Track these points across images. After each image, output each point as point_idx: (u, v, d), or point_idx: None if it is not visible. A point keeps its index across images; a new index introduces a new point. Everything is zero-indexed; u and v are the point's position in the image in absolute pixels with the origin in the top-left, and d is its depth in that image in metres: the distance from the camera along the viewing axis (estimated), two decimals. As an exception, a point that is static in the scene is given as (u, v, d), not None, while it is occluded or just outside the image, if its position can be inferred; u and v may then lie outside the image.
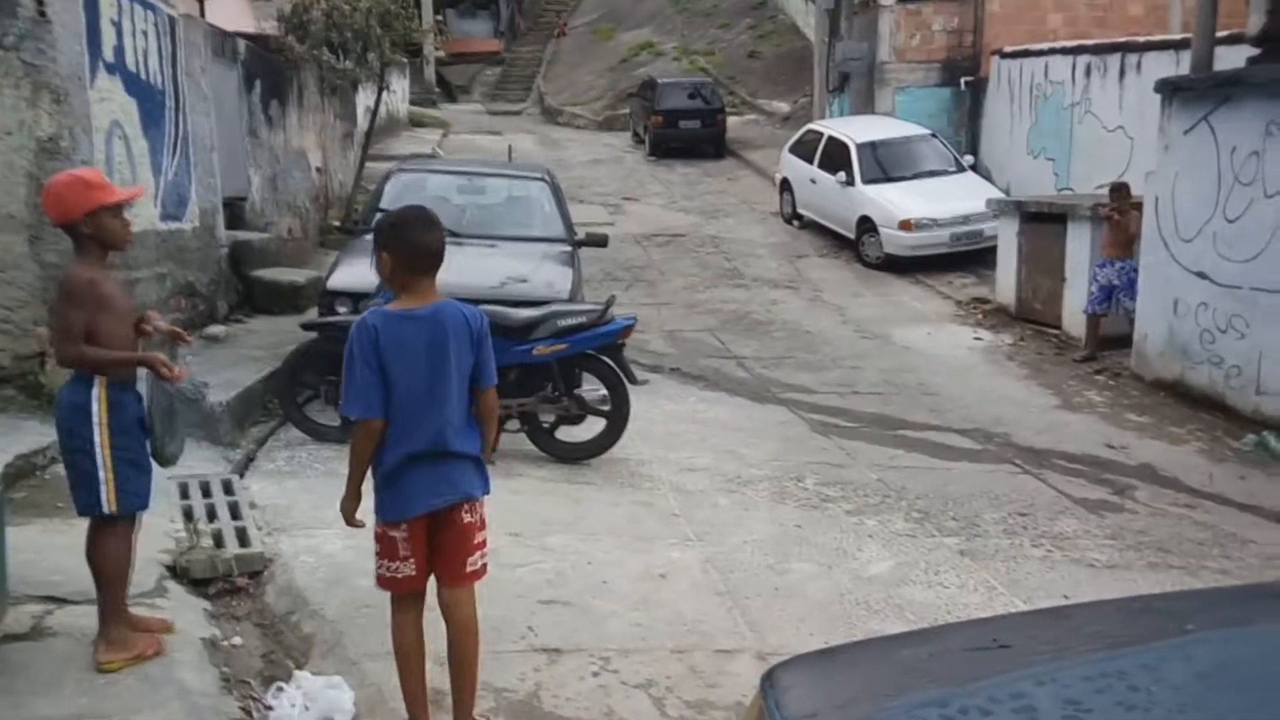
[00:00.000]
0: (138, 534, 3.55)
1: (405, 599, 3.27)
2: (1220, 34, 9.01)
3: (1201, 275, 8.26)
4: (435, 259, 3.11)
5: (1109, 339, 9.52)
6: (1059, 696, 1.72)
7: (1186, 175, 8.46)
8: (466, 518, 3.22)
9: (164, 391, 3.44)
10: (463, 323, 3.15)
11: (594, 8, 33.78)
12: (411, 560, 3.19)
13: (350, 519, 3.27)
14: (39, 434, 5.22)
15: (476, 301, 6.09)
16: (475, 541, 3.26)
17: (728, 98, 22.84)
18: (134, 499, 3.41)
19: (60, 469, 5.05)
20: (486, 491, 3.32)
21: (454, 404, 3.16)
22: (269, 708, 3.41)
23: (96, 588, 3.43)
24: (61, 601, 3.76)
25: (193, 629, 3.84)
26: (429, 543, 3.20)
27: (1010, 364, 9.59)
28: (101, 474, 3.32)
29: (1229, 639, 1.94)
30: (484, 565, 3.33)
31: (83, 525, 4.44)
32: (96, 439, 3.31)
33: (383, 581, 3.26)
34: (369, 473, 3.20)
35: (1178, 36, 11.65)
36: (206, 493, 5.10)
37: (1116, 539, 5.71)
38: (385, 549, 3.21)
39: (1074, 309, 9.98)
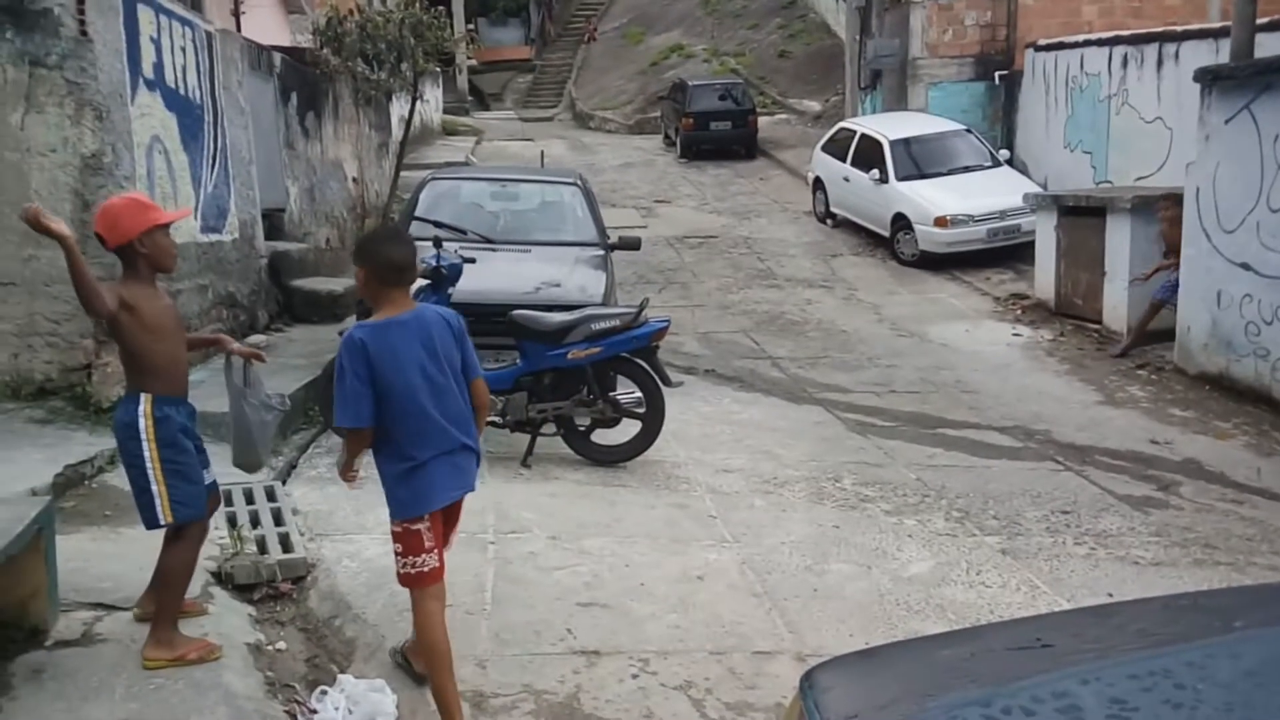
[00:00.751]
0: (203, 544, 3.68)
1: (432, 591, 3.37)
2: (1260, 21, 8.85)
3: (1245, 267, 8.11)
4: (407, 271, 3.35)
5: (1151, 333, 9.37)
6: (1104, 695, 1.70)
7: (1228, 165, 8.31)
8: (463, 505, 3.52)
9: (245, 403, 3.68)
10: (443, 323, 3.37)
11: (623, 12, 33.86)
12: (435, 551, 3.33)
13: (347, 473, 3.54)
14: (87, 444, 5.33)
15: (511, 307, 6.21)
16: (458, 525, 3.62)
17: (758, 98, 22.79)
18: (184, 509, 3.50)
19: (108, 478, 5.19)
20: None
21: (457, 398, 3.33)
22: (313, 711, 3.46)
23: (157, 589, 3.61)
24: (110, 608, 3.83)
25: (237, 634, 3.90)
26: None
27: (1050, 360, 9.47)
28: (154, 487, 3.43)
29: (1278, 637, 1.91)
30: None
31: (130, 534, 4.54)
32: (146, 453, 3.42)
33: (409, 579, 3.36)
34: (380, 476, 3.39)
35: (1216, 24, 11.45)
36: (250, 499, 5.18)
37: (1161, 536, 5.62)
38: (411, 545, 3.31)
39: (1114, 303, 9.84)
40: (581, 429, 6.22)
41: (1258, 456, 7.01)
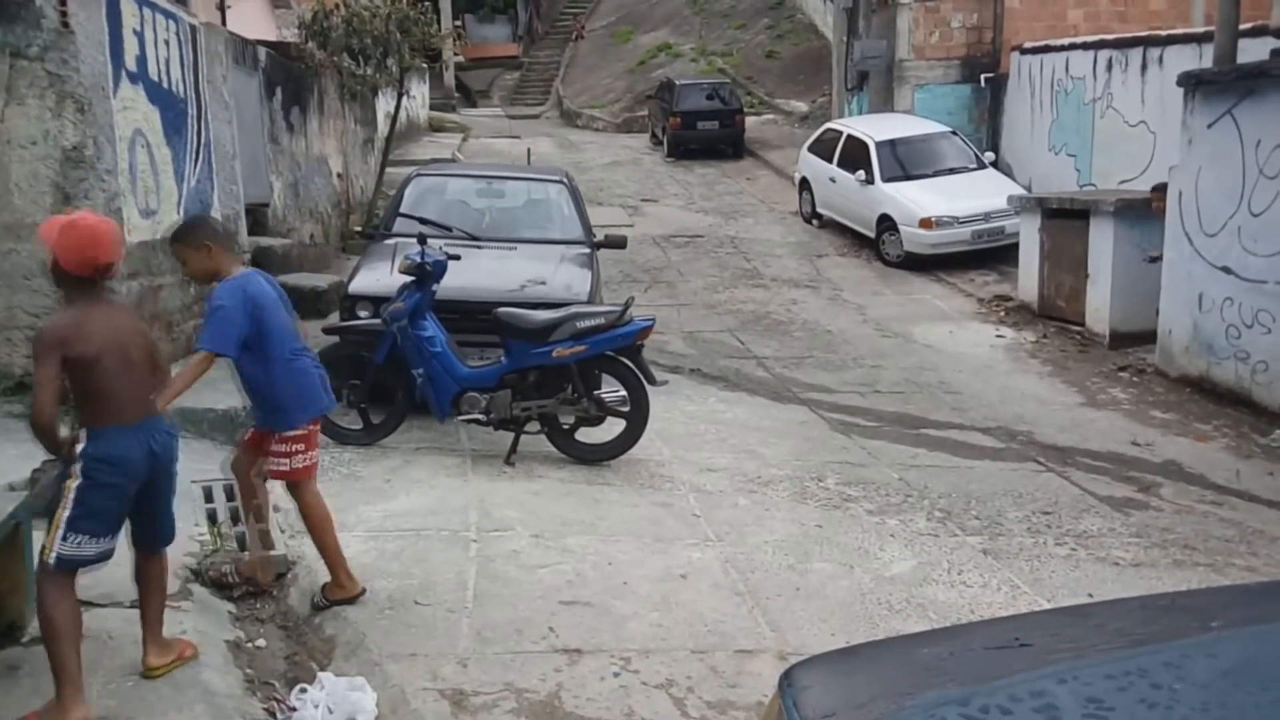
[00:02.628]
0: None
1: (313, 480, 4.20)
2: (1243, 26, 8.90)
3: (1226, 270, 8.17)
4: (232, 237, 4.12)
5: (1132, 335, 9.43)
6: (1080, 695, 1.71)
7: (1210, 169, 8.37)
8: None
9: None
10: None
11: (611, 10, 33.84)
12: (318, 447, 4.17)
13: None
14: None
15: (496, 304, 6.20)
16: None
17: (746, 98, 22.80)
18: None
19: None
20: None
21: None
22: (292, 709, 3.44)
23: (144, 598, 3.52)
24: (88, 605, 3.79)
25: (217, 631, 3.88)
26: None
27: (1033, 361, 9.52)
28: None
29: (1254, 636, 1.92)
30: None
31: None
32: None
33: (304, 471, 4.13)
34: (251, 394, 4.06)
35: (1200, 29, 11.52)
36: (230, 496, 5.14)
37: (1141, 537, 5.66)
38: (310, 442, 4.11)
39: (1097, 305, 9.89)
40: (566, 427, 6.21)
41: (1237, 459, 7.07)
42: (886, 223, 13.11)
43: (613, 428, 6.23)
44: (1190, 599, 2.74)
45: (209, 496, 5.11)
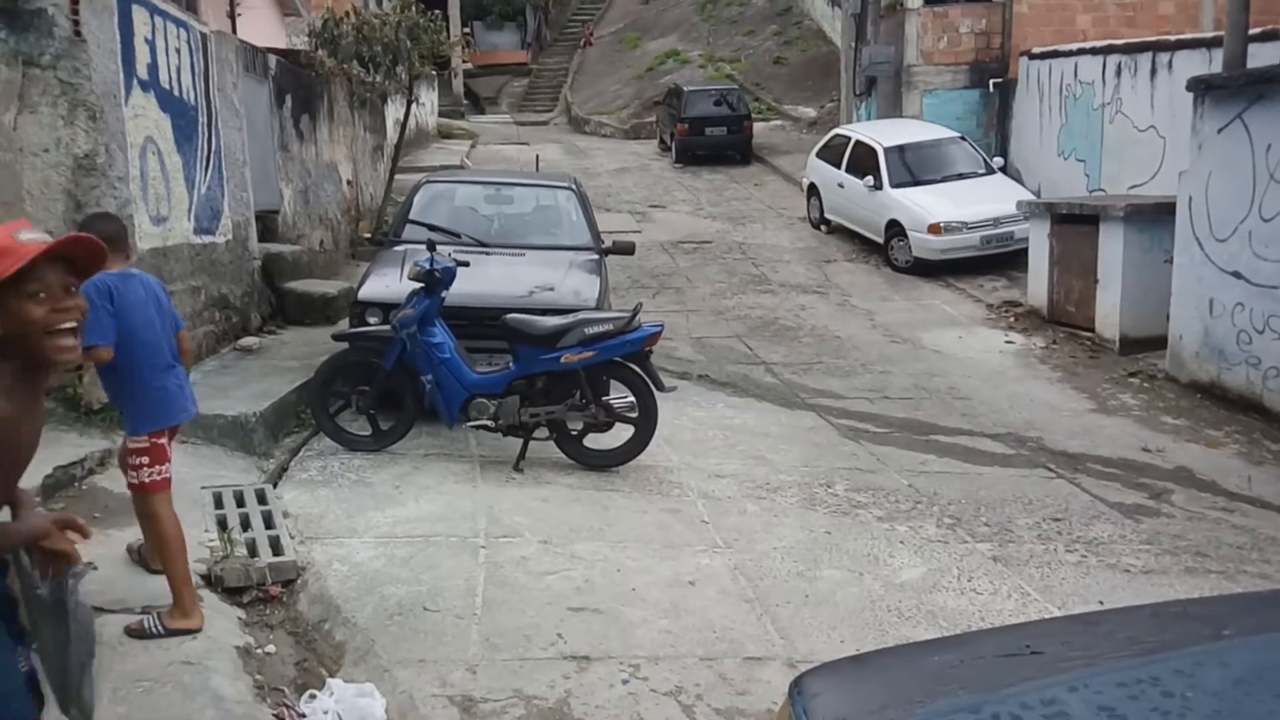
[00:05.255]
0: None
1: (166, 495, 3.93)
2: (1253, 31, 8.88)
3: (1237, 275, 8.14)
4: (116, 240, 3.89)
5: (1142, 341, 9.39)
6: (1092, 703, 1.70)
7: (1220, 174, 8.34)
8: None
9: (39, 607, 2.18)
10: (158, 282, 4.11)
11: (620, 17, 33.90)
12: (169, 462, 3.94)
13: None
14: (76, 446, 5.31)
15: (505, 310, 6.21)
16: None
17: (754, 104, 22.81)
18: None
19: (98, 480, 5.16)
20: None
21: (172, 340, 4.05)
22: (302, 715, 3.45)
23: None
24: (99, 611, 3.80)
25: (227, 637, 3.89)
26: None
27: (1043, 367, 9.49)
28: None
29: (1267, 644, 1.91)
30: None
31: (120, 536, 4.53)
32: None
33: (155, 485, 3.88)
34: (119, 401, 3.97)
35: (1210, 34, 11.50)
36: (240, 502, 5.17)
37: (1152, 544, 5.63)
38: (155, 455, 3.88)
39: (1107, 311, 9.86)
40: (574, 433, 6.21)
41: (1249, 465, 7.03)
42: (895, 228, 13.09)
43: (621, 434, 6.23)
44: (1202, 606, 2.73)
45: (219, 502, 5.13)
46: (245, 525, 4.91)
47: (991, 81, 15.28)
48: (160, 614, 3.79)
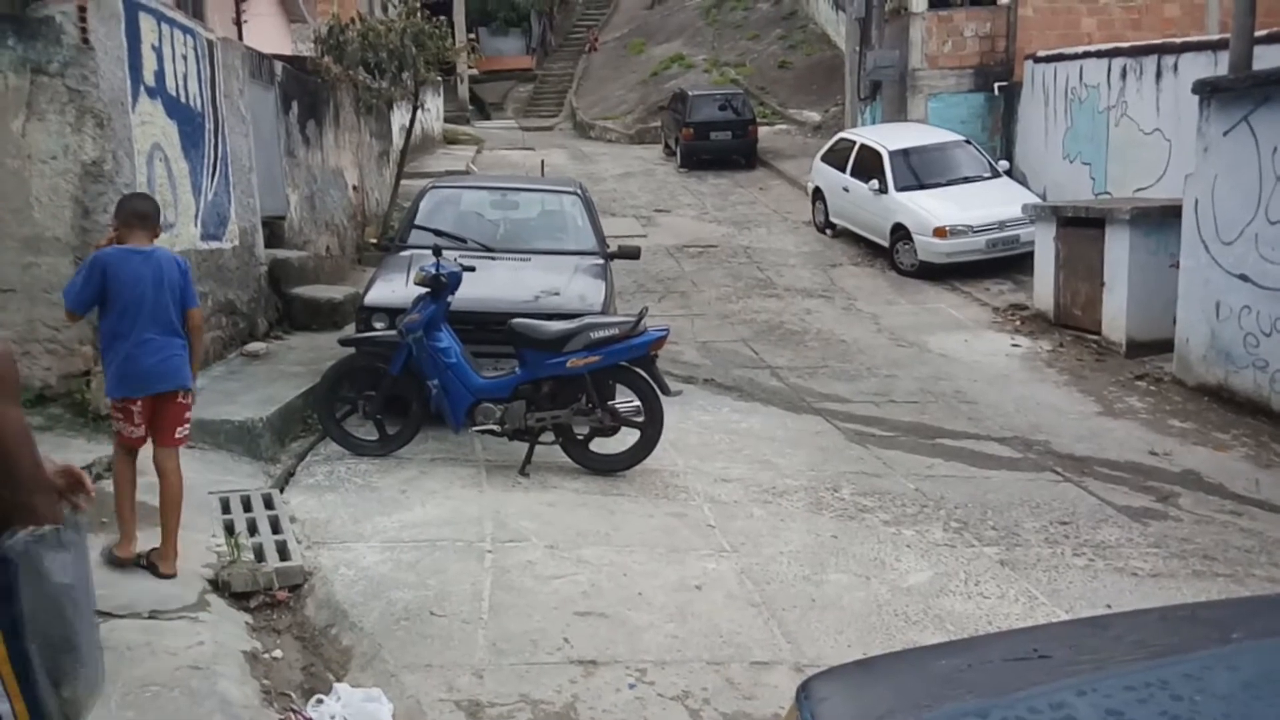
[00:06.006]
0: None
1: (133, 451, 4.37)
2: (1259, 33, 8.87)
3: (1244, 278, 8.12)
4: (147, 218, 4.40)
5: (1148, 344, 9.37)
6: (1100, 707, 1.69)
7: (1226, 177, 8.32)
8: (181, 401, 4.40)
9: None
10: (173, 261, 4.39)
11: (625, 23, 33.95)
12: (143, 426, 4.31)
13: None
14: (85, 451, 5.33)
15: (511, 315, 6.22)
16: (185, 417, 4.46)
17: (759, 108, 22.81)
18: None
19: (105, 486, 5.17)
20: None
21: (172, 317, 4.32)
22: (309, 720, 3.45)
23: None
24: (107, 615, 3.82)
25: (234, 642, 3.89)
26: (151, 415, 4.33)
27: (1049, 370, 9.47)
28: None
29: (1276, 648, 1.90)
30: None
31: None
32: None
33: (123, 439, 4.30)
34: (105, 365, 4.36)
35: (1215, 37, 11.48)
36: (247, 507, 5.18)
37: (1160, 547, 5.61)
38: (129, 417, 4.27)
39: (1114, 314, 9.84)
40: (580, 438, 6.22)
41: (1256, 468, 7.01)
42: (900, 232, 13.09)
43: (627, 438, 6.23)
44: (1210, 610, 2.72)
45: (226, 507, 5.14)
46: (252, 530, 4.92)
47: (996, 85, 15.27)
48: (111, 547, 4.35)
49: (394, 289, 6.86)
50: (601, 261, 7.81)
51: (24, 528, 1.94)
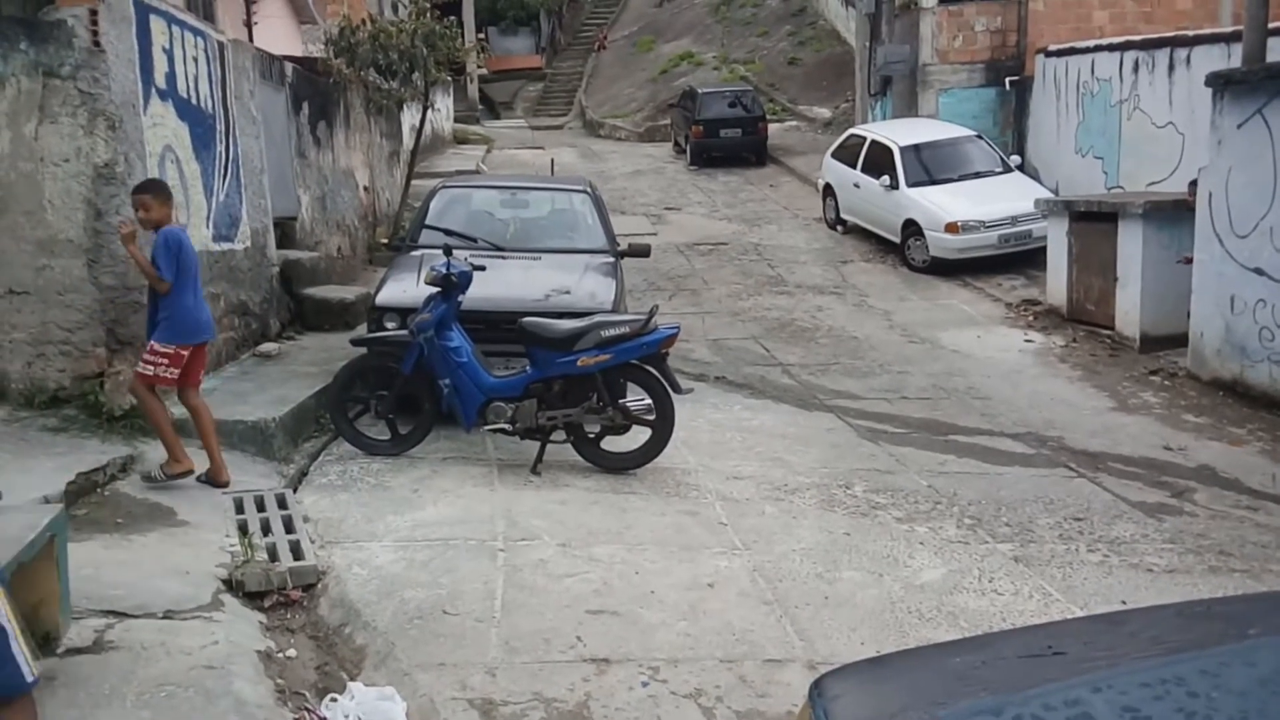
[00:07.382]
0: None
1: (159, 390, 5.24)
2: (1273, 25, 8.80)
3: (1259, 271, 8.06)
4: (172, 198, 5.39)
5: (1163, 339, 9.31)
6: (1116, 703, 1.69)
7: (1240, 170, 8.26)
8: (207, 349, 5.49)
9: None
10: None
11: (634, 20, 33.94)
12: (180, 369, 5.19)
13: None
14: (99, 452, 5.36)
15: (521, 314, 6.22)
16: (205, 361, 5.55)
17: (768, 105, 22.78)
18: None
19: (120, 486, 5.20)
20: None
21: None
22: (323, 719, 3.46)
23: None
24: (122, 615, 3.85)
25: (248, 641, 3.91)
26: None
27: (1063, 366, 9.43)
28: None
29: (1293, 644, 1.89)
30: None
31: (142, 541, 4.57)
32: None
33: (161, 380, 5.15)
34: (153, 311, 5.20)
35: (1228, 29, 11.39)
36: (261, 507, 5.20)
37: (1175, 543, 5.58)
38: (175, 361, 5.13)
39: (1127, 309, 9.79)
40: (591, 436, 6.22)
41: (1272, 463, 6.96)
42: (912, 228, 13.04)
43: (638, 436, 6.23)
44: (1227, 606, 2.70)
45: (239, 507, 5.16)
46: (266, 530, 4.94)
47: (1008, 79, 15.19)
48: (161, 465, 5.19)
49: (405, 289, 6.87)
50: (612, 260, 7.81)
51: None
